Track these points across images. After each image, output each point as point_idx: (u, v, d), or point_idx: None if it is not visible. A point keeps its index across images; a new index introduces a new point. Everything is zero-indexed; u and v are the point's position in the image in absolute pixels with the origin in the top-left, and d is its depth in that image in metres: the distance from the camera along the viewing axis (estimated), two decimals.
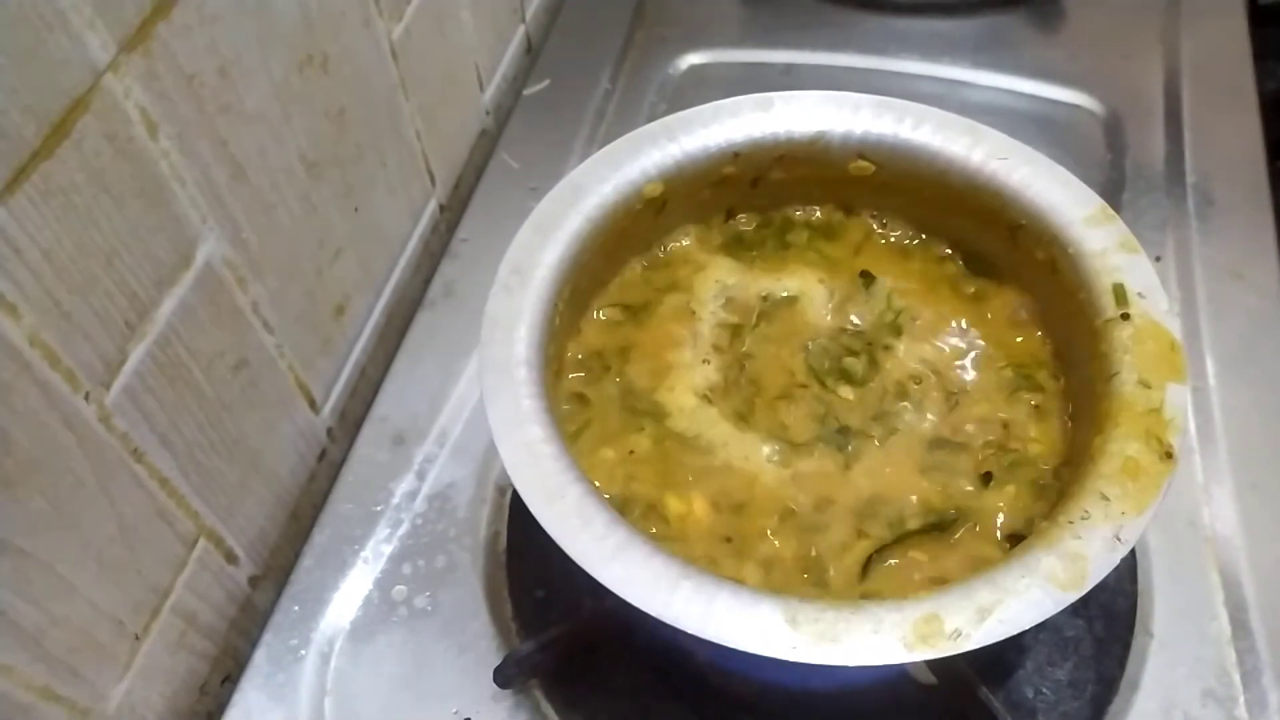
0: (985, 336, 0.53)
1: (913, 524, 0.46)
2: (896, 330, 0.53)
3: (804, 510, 0.47)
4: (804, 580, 0.45)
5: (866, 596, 0.44)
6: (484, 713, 0.53)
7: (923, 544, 0.46)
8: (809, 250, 0.57)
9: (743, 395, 0.51)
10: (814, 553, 0.46)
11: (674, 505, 0.48)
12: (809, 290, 0.55)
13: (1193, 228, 0.72)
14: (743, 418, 0.50)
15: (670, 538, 0.47)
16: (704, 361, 0.52)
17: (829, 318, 0.54)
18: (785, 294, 0.55)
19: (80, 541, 0.45)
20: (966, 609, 0.39)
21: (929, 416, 0.50)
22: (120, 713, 0.50)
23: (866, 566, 0.45)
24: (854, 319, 0.54)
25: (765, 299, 0.54)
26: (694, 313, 0.54)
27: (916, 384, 0.51)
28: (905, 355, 0.52)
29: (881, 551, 0.46)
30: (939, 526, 0.46)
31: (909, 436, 0.49)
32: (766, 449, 0.49)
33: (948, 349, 0.52)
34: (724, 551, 0.46)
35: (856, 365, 0.52)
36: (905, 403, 0.50)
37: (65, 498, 0.43)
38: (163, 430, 0.49)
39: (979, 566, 0.44)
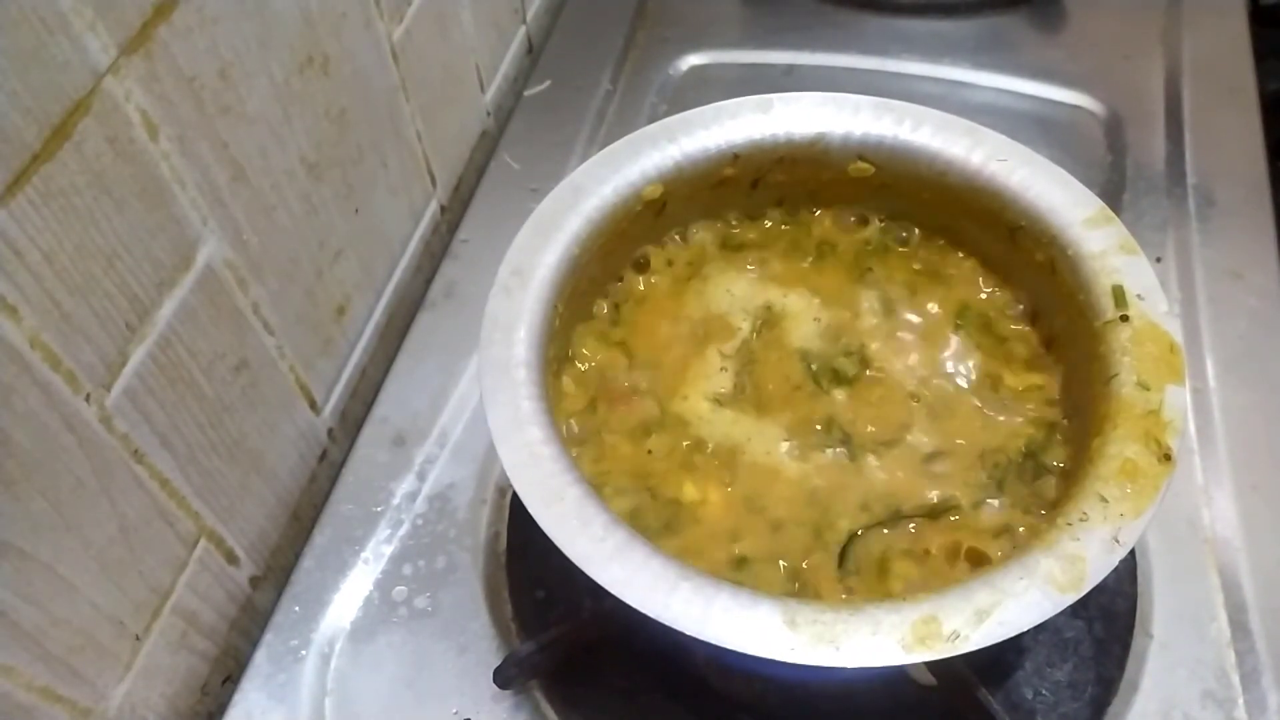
0: (983, 337, 0.53)
1: (907, 510, 0.47)
2: (893, 331, 0.53)
3: (820, 493, 0.48)
4: (804, 538, 0.46)
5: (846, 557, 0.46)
6: (484, 713, 0.53)
7: (911, 528, 0.47)
8: (808, 252, 0.57)
9: (749, 400, 0.51)
10: (817, 520, 0.47)
11: (690, 492, 0.48)
12: (808, 293, 0.55)
13: (1193, 228, 0.72)
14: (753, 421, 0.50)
15: (687, 522, 0.47)
16: (721, 370, 0.52)
17: (827, 320, 0.54)
18: (785, 297, 0.55)
19: (81, 542, 0.45)
20: (965, 610, 0.39)
21: (925, 422, 0.50)
22: (121, 713, 0.50)
23: (854, 538, 0.46)
24: (851, 320, 0.54)
25: (767, 305, 0.54)
26: (702, 319, 0.54)
27: (915, 401, 0.51)
28: (901, 356, 0.52)
29: (872, 527, 0.46)
30: (930, 516, 0.47)
31: (906, 447, 0.49)
32: (785, 445, 0.49)
33: (944, 350, 0.52)
34: (741, 523, 0.47)
35: (848, 365, 0.52)
36: (902, 412, 0.50)
37: (66, 499, 0.44)
38: (163, 431, 0.49)
39: (965, 553, 0.45)
